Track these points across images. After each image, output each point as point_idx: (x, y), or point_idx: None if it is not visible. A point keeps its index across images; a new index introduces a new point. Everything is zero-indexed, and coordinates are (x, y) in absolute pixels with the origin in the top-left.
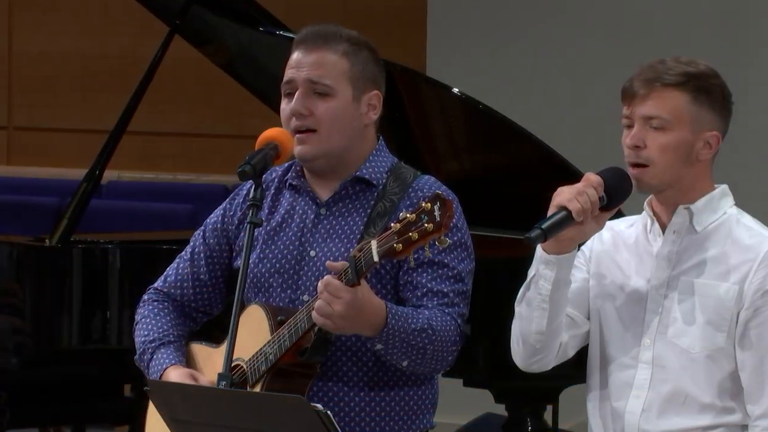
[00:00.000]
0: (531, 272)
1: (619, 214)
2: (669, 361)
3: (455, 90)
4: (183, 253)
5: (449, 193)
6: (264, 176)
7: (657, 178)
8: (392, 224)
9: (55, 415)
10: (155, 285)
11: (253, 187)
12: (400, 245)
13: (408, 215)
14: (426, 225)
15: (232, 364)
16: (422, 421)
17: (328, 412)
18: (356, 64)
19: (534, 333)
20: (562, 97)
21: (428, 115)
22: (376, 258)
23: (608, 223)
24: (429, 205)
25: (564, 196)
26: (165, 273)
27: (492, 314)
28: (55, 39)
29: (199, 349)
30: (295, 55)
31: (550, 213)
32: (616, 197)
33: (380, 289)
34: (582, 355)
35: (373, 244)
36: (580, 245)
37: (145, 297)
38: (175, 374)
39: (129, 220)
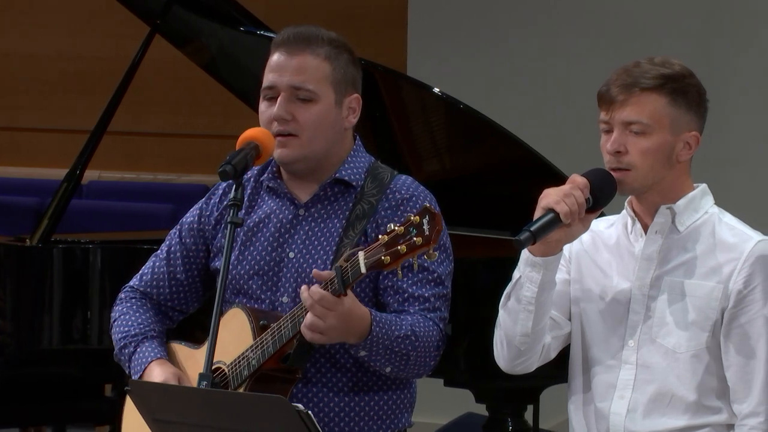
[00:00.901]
0: (516, 275)
1: (601, 215)
2: (654, 361)
3: (436, 90)
4: (158, 251)
5: (430, 196)
6: None
7: (639, 182)
8: (380, 236)
9: (35, 415)
10: (131, 284)
11: (234, 186)
12: (388, 258)
13: (396, 228)
14: (415, 239)
15: (213, 367)
16: (400, 420)
17: (309, 412)
18: (337, 67)
19: (519, 335)
20: (543, 97)
21: (409, 115)
22: (363, 270)
23: None
24: (417, 218)
25: (551, 198)
26: (140, 272)
27: (474, 315)
28: (37, 41)
29: (179, 349)
30: (276, 58)
31: (537, 215)
32: (601, 198)
33: (359, 293)
34: (563, 354)
35: (361, 255)
36: None
37: (122, 295)
38: (160, 370)
39: (110, 219)
